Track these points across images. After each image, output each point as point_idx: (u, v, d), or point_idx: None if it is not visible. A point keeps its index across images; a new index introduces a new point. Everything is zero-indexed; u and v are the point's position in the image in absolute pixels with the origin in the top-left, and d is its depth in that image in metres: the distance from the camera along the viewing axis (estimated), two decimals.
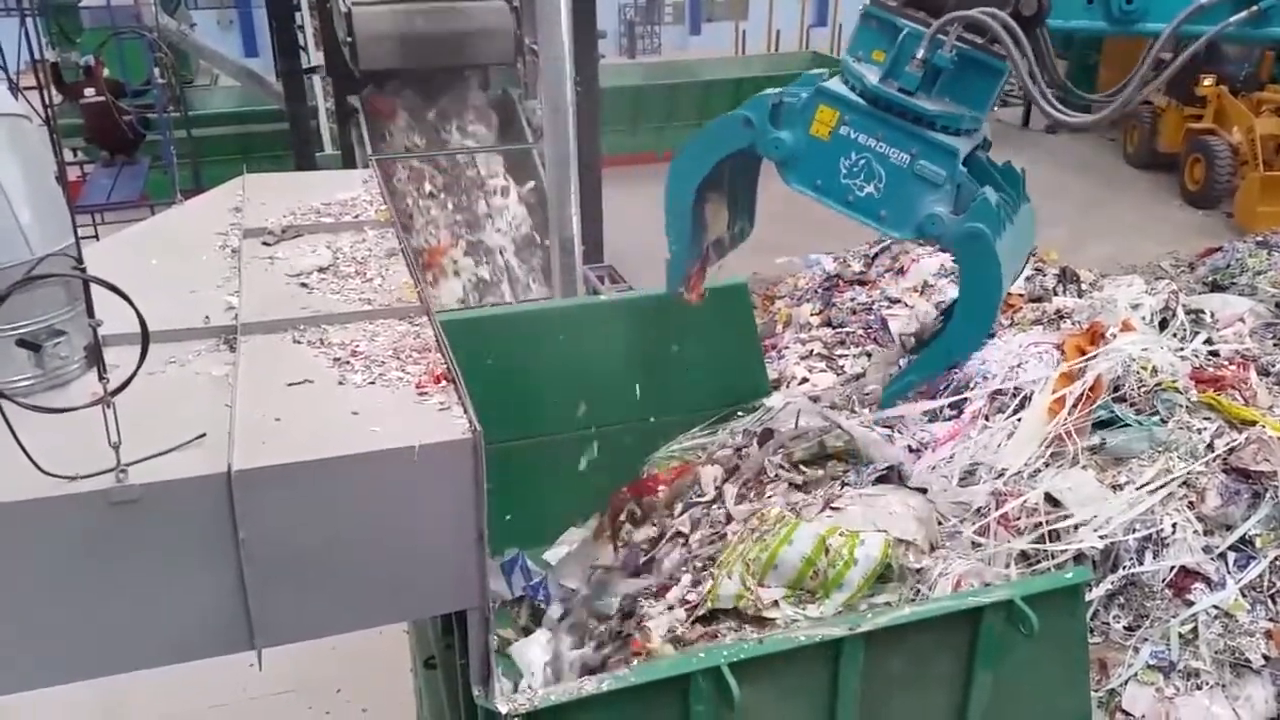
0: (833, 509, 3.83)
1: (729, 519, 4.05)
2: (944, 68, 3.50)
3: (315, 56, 11.29)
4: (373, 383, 2.90)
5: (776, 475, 4.21)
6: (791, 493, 4.13)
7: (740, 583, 3.57)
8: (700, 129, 3.95)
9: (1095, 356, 5.99)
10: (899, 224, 3.76)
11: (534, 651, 4.03)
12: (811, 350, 8.04)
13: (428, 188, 10.13)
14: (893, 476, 4.38)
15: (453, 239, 9.91)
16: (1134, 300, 7.61)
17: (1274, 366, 6.75)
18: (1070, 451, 5.51)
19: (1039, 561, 5.04)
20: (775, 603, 3.55)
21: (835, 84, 3.70)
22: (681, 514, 4.25)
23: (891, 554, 3.58)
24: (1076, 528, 5.14)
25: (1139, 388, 5.85)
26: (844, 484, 4.21)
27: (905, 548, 3.77)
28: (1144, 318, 7.44)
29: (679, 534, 4.14)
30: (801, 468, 4.29)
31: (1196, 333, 7.30)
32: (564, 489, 4.78)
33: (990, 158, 4.11)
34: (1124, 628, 5.10)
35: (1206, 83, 16.09)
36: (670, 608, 3.74)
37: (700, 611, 3.65)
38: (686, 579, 3.83)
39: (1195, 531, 5.19)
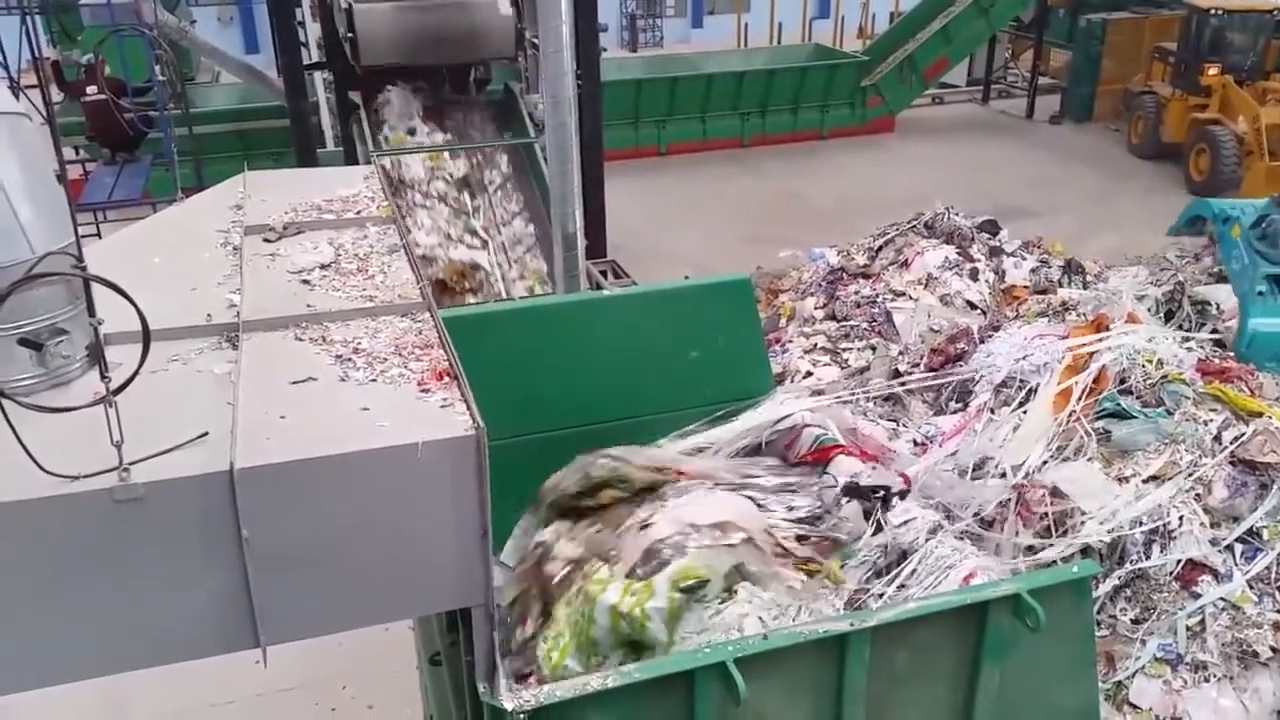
0: (645, 526, 3.81)
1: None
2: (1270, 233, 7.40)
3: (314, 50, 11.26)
4: (375, 380, 2.89)
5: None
6: (584, 529, 4.06)
7: (582, 666, 3.50)
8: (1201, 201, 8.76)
9: (1099, 348, 5.97)
10: (1239, 285, 7.18)
11: None
12: (816, 344, 8.03)
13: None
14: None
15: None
16: (1139, 291, 7.60)
17: None
18: (1076, 444, 5.49)
19: (1044, 553, 5.03)
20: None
21: (1246, 219, 7.51)
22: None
23: (701, 571, 3.54)
24: (1083, 521, 5.12)
25: (1144, 380, 5.83)
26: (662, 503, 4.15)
27: (722, 530, 3.73)
28: (1149, 309, 7.42)
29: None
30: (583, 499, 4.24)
31: (1202, 324, 7.28)
32: None
33: None
34: (1131, 621, 5.09)
35: (1211, 72, 16.03)
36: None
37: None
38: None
39: (1202, 524, 5.18)
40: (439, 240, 9.84)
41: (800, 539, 3.94)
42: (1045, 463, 5.48)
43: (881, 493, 4.06)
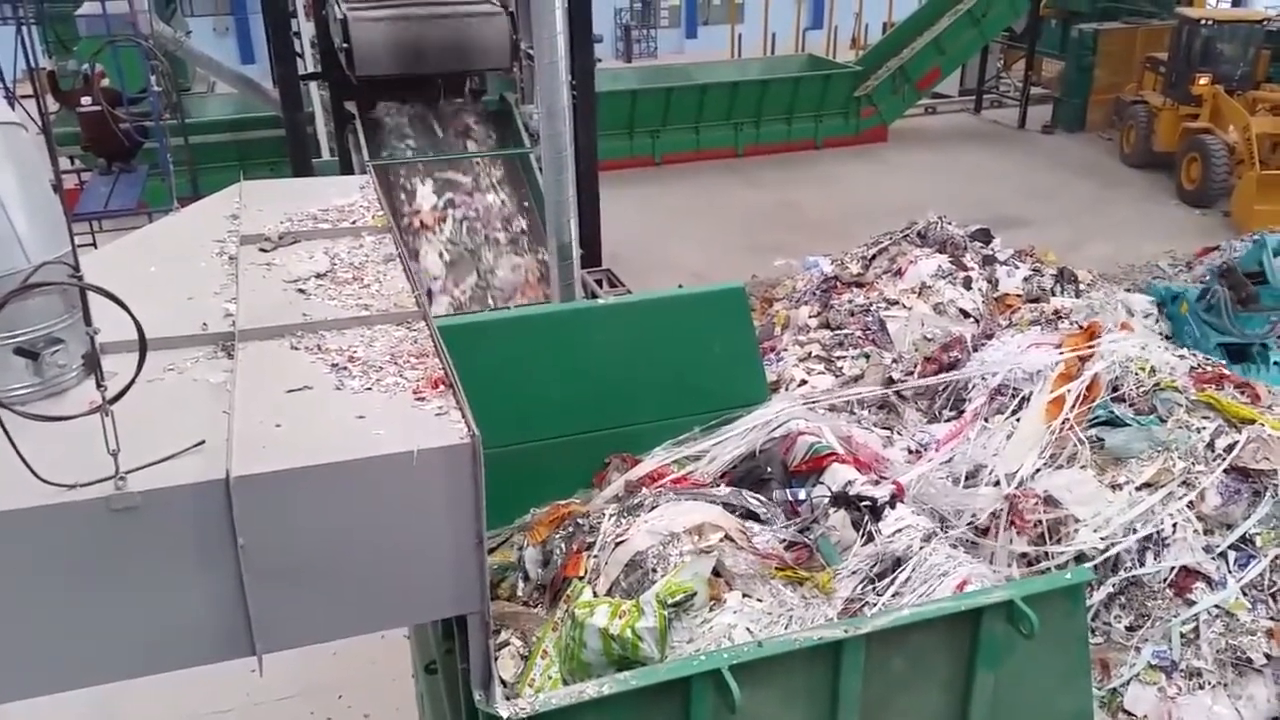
0: (619, 543, 3.84)
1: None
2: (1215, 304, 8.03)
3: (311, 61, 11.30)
4: (370, 388, 2.90)
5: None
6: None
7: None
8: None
9: (1091, 356, 6.00)
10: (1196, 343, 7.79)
11: None
12: (810, 352, 8.05)
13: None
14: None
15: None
16: (1148, 314, 7.81)
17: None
18: (1069, 451, 5.51)
19: (1039, 561, 5.04)
20: None
21: (1192, 294, 8.28)
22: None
23: (688, 584, 3.57)
24: (1077, 529, 5.14)
25: (1137, 387, 5.85)
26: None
27: (698, 533, 3.76)
28: (1146, 315, 7.48)
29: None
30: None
31: None
32: (562, 494, 4.77)
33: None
34: (1125, 628, 5.10)
35: (1202, 82, 16.12)
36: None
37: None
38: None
39: (1195, 531, 5.20)
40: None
41: (784, 544, 3.95)
42: (1039, 470, 5.50)
43: (869, 503, 4.07)
